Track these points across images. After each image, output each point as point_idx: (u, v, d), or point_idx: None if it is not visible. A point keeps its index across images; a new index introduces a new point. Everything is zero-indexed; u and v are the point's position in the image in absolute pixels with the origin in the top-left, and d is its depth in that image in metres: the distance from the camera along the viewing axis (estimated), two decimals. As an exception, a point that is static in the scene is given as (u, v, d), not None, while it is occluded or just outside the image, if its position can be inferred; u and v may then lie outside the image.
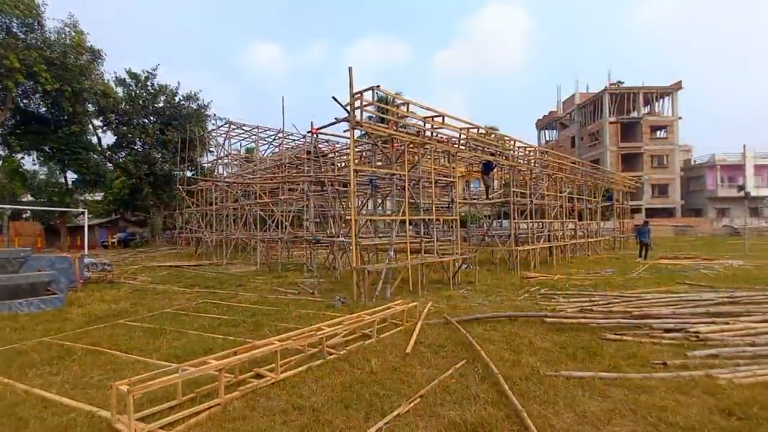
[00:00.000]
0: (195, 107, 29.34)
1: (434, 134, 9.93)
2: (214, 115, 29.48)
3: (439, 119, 8.81)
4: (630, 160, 42.13)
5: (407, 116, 8.87)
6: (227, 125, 20.97)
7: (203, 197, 21.21)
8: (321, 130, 10.49)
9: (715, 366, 4.08)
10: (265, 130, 21.32)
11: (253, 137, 22.29)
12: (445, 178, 10.60)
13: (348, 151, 8.72)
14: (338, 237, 10.09)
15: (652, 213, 41.20)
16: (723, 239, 29.21)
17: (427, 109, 8.60)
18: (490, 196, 14.26)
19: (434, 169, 11.75)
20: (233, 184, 17.72)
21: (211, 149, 28.89)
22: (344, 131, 9.40)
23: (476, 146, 11.25)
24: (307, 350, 4.61)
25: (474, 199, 19.07)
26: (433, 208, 9.03)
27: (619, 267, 13.36)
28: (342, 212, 12.29)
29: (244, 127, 20.99)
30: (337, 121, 7.94)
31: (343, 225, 11.67)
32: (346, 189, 11.59)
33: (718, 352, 4.45)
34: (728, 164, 40.45)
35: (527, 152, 13.55)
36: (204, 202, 20.97)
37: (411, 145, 9.41)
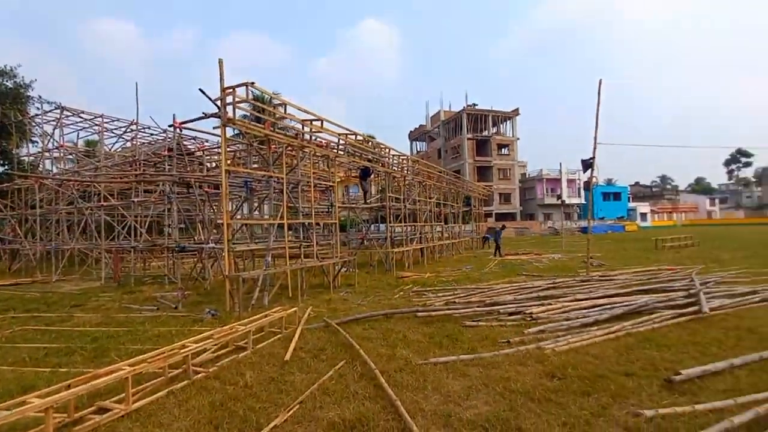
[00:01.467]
0: (10, 86, 22.97)
1: (313, 138, 9.90)
2: (39, 97, 23.50)
3: (318, 123, 8.83)
4: (483, 172, 49.10)
5: (285, 117, 8.64)
6: (58, 110, 16.97)
7: (21, 199, 16.74)
8: (186, 125, 9.40)
9: (543, 339, 5.04)
10: (113, 121, 17.94)
11: (95, 128, 18.54)
12: (324, 182, 10.63)
13: (219, 149, 8.01)
14: (208, 243, 9.16)
15: (500, 217, 48.74)
16: (548, 238, 36.29)
17: (306, 112, 8.52)
18: (368, 201, 14.85)
19: (314, 172, 11.70)
20: (67, 182, 14.42)
21: (34, 139, 23.00)
22: (214, 128, 8.64)
23: (354, 152, 11.62)
24: (167, 372, 4.05)
25: (353, 203, 19.59)
26: (313, 212, 8.97)
27: (476, 264, 15.39)
28: (213, 216, 11.19)
29: (82, 115, 17.28)
30: (206, 116, 7.24)
31: (215, 231, 10.65)
32: (217, 192, 10.62)
33: (545, 328, 5.51)
34: (551, 178, 50.61)
35: (401, 160, 14.58)
36: (23, 204, 16.57)
37: (289, 148, 9.18)
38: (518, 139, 51.34)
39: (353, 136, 10.26)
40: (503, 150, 51.38)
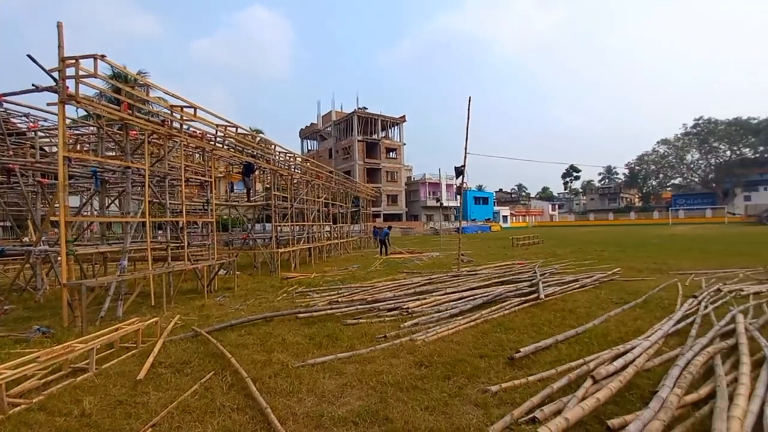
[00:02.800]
0: None
1: (187, 127, 8.89)
2: None
3: (191, 110, 7.94)
4: (373, 174, 50.92)
5: (148, 100, 7.55)
6: None
7: None
8: (8, 98, 7.48)
9: (416, 331, 5.43)
10: None
11: None
12: (199, 177, 9.63)
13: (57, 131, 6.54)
14: (39, 245, 7.44)
15: (388, 218, 51.16)
16: (430, 237, 39.43)
17: (176, 97, 7.59)
18: (251, 199, 13.99)
19: (187, 166, 10.52)
20: None
21: None
22: (48, 104, 7.07)
23: (235, 146, 10.81)
24: (-37, 412, 3.16)
25: (236, 201, 18.24)
26: (184, 209, 8.03)
27: (363, 263, 15.84)
28: (48, 212, 9.11)
29: None
30: (37, 89, 5.87)
31: (56, 230, 8.71)
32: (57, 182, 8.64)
33: (419, 321, 5.94)
34: (432, 182, 55.21)
35: (288, 158, 14.12)
36: None
37: (155, 136, 8.06)
38: (404, 144, 54.66)
39: (234, 129, 9.52)
40: (391, 153, 54.04)
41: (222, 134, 9.44)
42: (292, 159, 14.47)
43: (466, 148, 11.36)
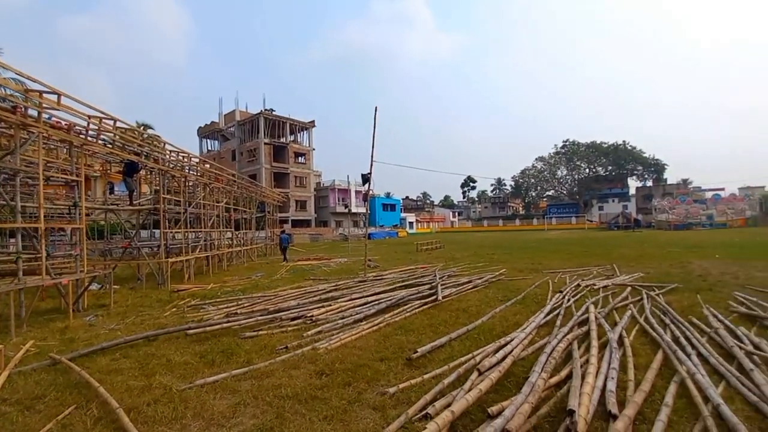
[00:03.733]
0: None
1: (48, 117, 7.47)
2: None
3: (53, 97, 6.69)
4: (280, 179, 49.10)
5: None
6: None
7: None
8: None
9: (320, 339, 5.35)
10: None
11: None
12: (64, 176, 8.15)
13: None
14: None
15: (296, 223, 49.75)
16: (339, 243, 39.39)
17: (34, 80, 6.33)
18: (135, 202, 12.34)
19: (50, 162, 8.87)
20: None
21: None
22: None
23: (114, 142, 9.42)
24: None
25: (116, 204, 15.89)
26: (41, 213, 6.70)
27: (268, 270, 15.11)
28: None
29: None
30: None
31: None
32: None
33: (323, 329, 5.86)
34: (342, 188, 55.43)
35: (181, 158, 12.82)
36: None
37: (2, 124, 6.60)
38: (314, 149, 53.99)
39: (111, 122, 8.28)
40: (300, 158, 52.84)
41: (96, 127, 8.14)
42: (186, 159, 13.17)
43: (372, 156, 11.67)
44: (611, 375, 3.47)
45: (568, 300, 7.11)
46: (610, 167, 75.56)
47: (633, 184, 74.61)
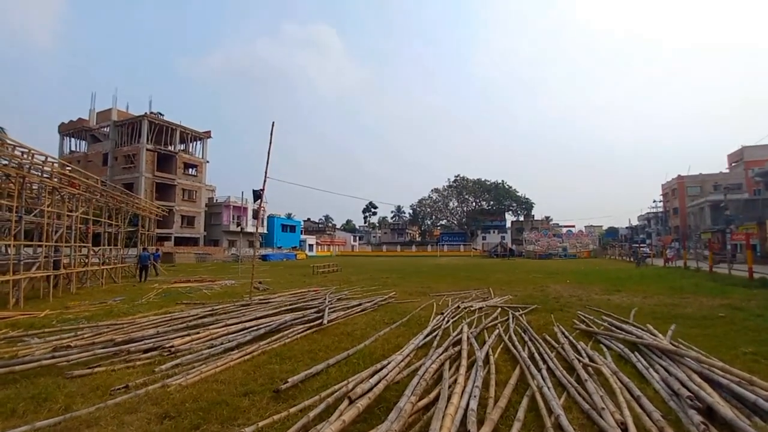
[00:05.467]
0: None
1: None
2: None
3: None
4: (165, 190, 43.73)
5: None
6: None
7: None
8: None
9: (175, 374, 4.56)
10: None
11: None
12: None
13: None
14: None
15: (181, 241, 44.44)
16: (230, 264, 36.22)
17: None
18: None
19: None
20: None
21: None
22: None
23: None
24: None
25: None
26: None
27: (133, 294, 12.94)
28: None
29: None
30: None
31: None
32: None
33: (183, 360, 5.05)
34: (237, 206, 51.67)
35: (19, 153, 10.40)
36: None
37: None
38: (208, 162, 49.71)
39: None
40: (191, 170, 48.04)
41: None
42: (27, 156, 10.74)
43: (266, 173, 11.06)
44: (474, 393, 3.58)
45: (448, 321, 7.45)
46: (492, 202, 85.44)
47: (509, 218, 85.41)
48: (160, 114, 44.62)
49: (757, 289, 12.86)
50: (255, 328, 6.75)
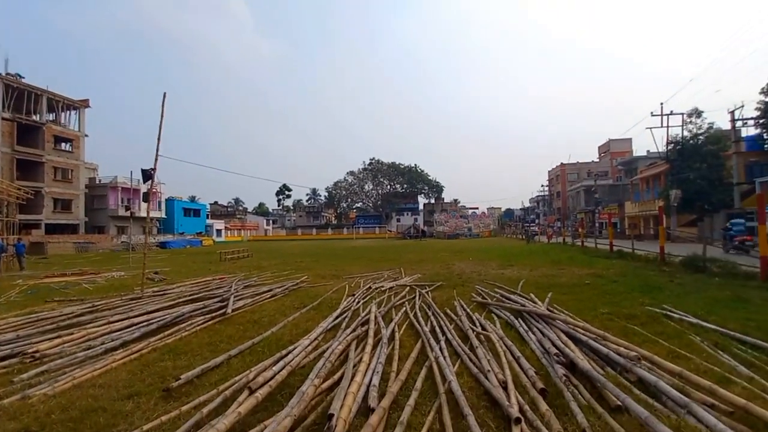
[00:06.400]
0: None
1: None
2: None
3: None
4: (29, 168, 36.46)
5: None
6: None
7: None
8: None
9: (40, 383, 3.90)
10: None
11: None
12: None
13: None
14: None
15: (54, 229, 37.80)
16: (120, 254, 32.03)
17: None
18: None
19: None
20: None
21: None
22: None
23: None
24: None
25: None
26: None
27: (-17, 294, 10.67)
28: None
29: None
30: None
31: None
32: None
33: (49, 367, 4.33)
34: (127, 187, 45.49)
35: None
36: None
37: None
38: (87, 135, 42.63)
39: None
40: (64, 145, 40.75)
41: None
42: None
43: (157, 150, 9.83)
44: (377, 369, 3.72)
45: (358, 302, 7.60)
46: (405, 185, 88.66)
47: (422, 200, 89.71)
48: (20, 76, 36.70)
49: (615, 259, 15.58)
50: (145, 323, 6.10)
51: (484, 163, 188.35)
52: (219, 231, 66.03)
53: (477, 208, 74.32)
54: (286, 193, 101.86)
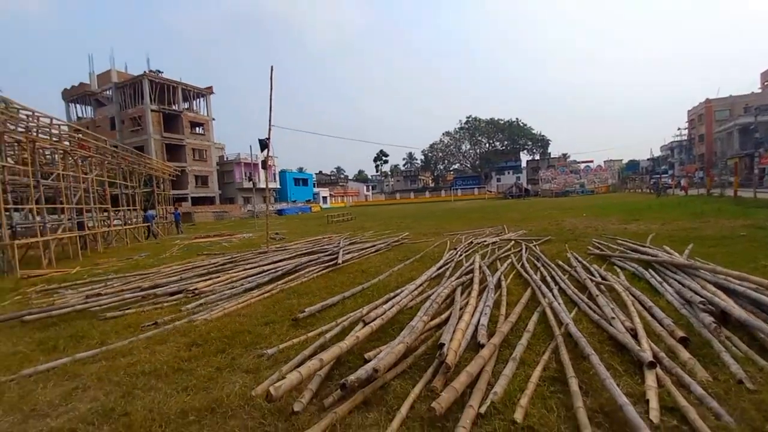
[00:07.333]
0: None
1: None
2: None
3: None
4: (175, 151, 43.84)
5: None
6: None
7: None
8: None
9: (199, 312, 4.80)
10: None
11: None
12: None
13: None
14: None
15: (197, 201, 45.34)
16: (247, 220, 37.09)
17: None
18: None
19: None
20: None
21: None
22: None
23: None
24: None
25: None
26: None
27: (156, 250, 13.44)
28: None
29: None
30: None
31: None
32: None
33: (206, 300, 5.30)
34: (248, 162, 51.65)
35: (24, 116, 10.39)
36: None
37: None
38: (213, 119, 49.06)
39: None
40: (197, 129, 47.66)
41: None
42: (33, 119, 10.74)
43: (270, 120, 10.80)
44: (485, 312, 3.66)
45: (461, 255, 7.53)
46: (506, 142, 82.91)
47: (524, 157, 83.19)
48: (159, 72, 43.49)
49: (783, 209, 12.46)
50: (273, 270, 6.97)
51: (600, 112, 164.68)
52: (324, 198, 71.39)
53: (591, 162, 66.13)
54: (384, 158, 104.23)
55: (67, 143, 12.91)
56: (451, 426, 2.12)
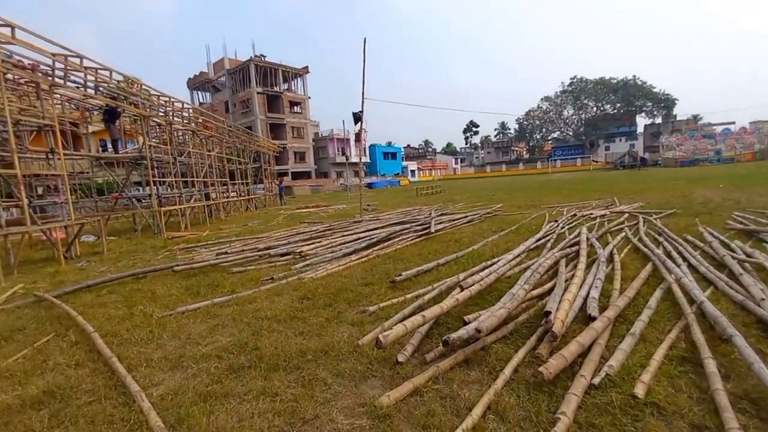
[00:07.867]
0: None
1: (8, 54, 6.97)
2: None
3: (6, 30, 6.15)
4: (276, 130, 47.88)
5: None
6: None
7: None
8: None
9: (306, 271, 5.31)
10: None
11: None
12: (33, 120, 7.78)
13: None
14: None
15: (296, 176, 49.30)
16: (339, 193, 39.26)
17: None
18: (121, 151, 12.03)
19: (24, 108, 8.46)
20: None
21: None
22: None
23: (84, 83, 8.86)
24: None
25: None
26: (15, 158, 6.46)
27: (265, 218, 15.09)
28: None
29: None
30: None
31: None
32: None
33: (311, 262, 5.82)
34: (340, 138, 54.11)
35: (163, 102, 12.26)
36: None
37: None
38: (309, 97, 51.98)
39: (77, 60, 7.72)
40: (296, 108, 51.10)
41: (63, 66, 7.62)
42: (168, 104, 12.62)
43: (363, 93, 11.06)
44: (595, 285, 3.37)
45: (563, 227, 6.98)
46: (618, 105, 72.55)
47: (642, 121, 72.08)
48: (263, 56, 47.15)
49: None
50: (368, 237, 7.31)
51: (745, 61, 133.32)
52: (413, 171, 71.64)
53: (732, 123, 54.46)
54: (474, 129, 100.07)
55: (194, 125, 14.94)
56: (560, 392, 2.04)
